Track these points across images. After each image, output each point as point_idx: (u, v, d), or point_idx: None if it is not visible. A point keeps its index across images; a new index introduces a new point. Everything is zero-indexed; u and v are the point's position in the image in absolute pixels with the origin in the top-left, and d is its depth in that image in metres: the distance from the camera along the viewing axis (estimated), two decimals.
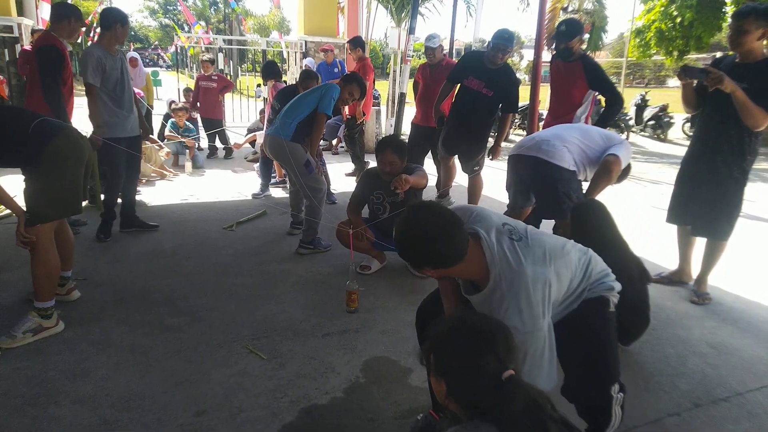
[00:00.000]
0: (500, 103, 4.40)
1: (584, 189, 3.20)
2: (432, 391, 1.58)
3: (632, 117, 12.24)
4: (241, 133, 8.10)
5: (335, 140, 8.46)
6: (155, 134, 7.19)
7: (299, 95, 3.86)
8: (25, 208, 2.41)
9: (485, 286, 1.56)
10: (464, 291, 1.71)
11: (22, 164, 2.47)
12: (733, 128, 2.95)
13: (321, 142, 5.70)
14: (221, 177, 6.48)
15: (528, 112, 7.76)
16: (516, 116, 10.87)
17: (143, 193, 5.31)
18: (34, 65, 3.64)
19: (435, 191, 5.32)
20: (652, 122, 12.18)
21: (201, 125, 7.59)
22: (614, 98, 3.89)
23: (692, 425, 2.10)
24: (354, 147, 6.24)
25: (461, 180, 5.24)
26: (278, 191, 5.73)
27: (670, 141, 11.88)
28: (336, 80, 4.07)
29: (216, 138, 7.68)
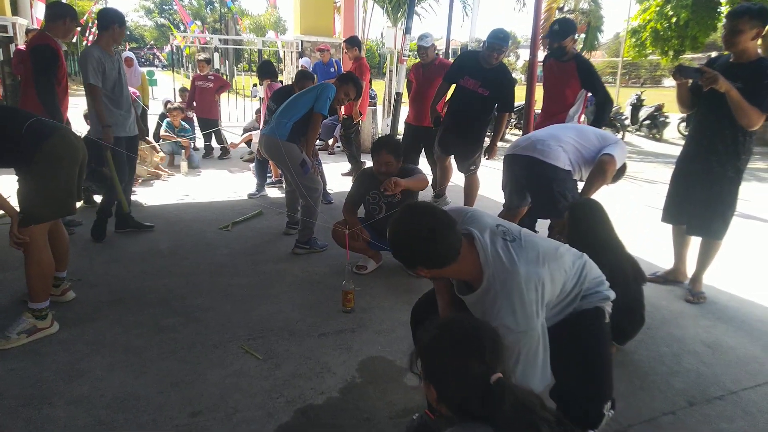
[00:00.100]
0: (496, 103, 4.41)
1: (580, 189, 3.21)
2: None
3: (628, 116, 12.28)
4: (237, 133, 8.09)
5: (331, 140, 8.46)
6: (150, 134, 7.16)
7: (295, 95, 3.86)
8: (19, 209, 2.40)
9: (479, 287, 1.56)
10: (458, 291, 1.71)
11: (17, 164, 2.46)
12: (728, 128, 2.97)
13: (317, 142, 5.69)
14: (217, 177, 6.47)
15: (524, 112, 7.76)
16: (512, 116, 10.88)
17: (139, 194, 5.29)
18: (29, 65, 3.64)
19: (431, 191, 5.32)
20: (648, 122, 12.22)
21: (197, 125, 7.57)
22: (605, 99, 3.93)
23: (687, 424, 2.11)
24: (350, 147, 6.24)
25: (457, 180, 5.25)
26: (274, 191, 5.72)
27: (666, 140, 11.92)
28: (332, 80, 4.07)
29: (212, 138, 7.67)
